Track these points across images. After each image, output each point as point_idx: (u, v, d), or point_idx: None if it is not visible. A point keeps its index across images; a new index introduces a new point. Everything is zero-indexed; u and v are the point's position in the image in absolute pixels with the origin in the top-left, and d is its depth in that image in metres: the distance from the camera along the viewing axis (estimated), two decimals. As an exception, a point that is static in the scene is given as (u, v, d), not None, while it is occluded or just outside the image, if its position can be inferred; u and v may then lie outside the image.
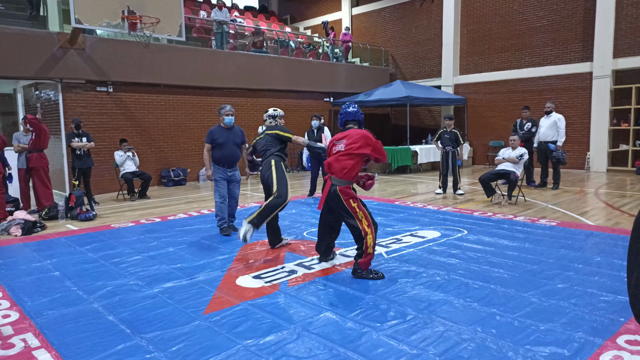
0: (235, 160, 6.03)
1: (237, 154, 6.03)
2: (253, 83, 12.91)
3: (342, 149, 4.18)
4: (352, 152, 4.14)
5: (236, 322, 3.30)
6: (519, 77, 13.79)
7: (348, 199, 4.13)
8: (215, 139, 5.83)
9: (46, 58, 9.24)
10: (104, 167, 10.10)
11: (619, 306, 3.43)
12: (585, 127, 12.52)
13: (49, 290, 4.06)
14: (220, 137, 5.85)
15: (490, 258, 4.72)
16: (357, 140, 4.15)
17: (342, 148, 4.18)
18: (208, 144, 5.87)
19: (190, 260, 4.88)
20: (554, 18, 13.02)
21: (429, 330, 3.11)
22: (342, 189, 4.13)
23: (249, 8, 19.19)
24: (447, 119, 9.08)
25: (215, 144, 5.83)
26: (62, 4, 10.01)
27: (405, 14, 16.51)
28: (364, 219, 4.13)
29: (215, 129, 5.93)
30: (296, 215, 7.22)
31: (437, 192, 9.18)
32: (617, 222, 6.30)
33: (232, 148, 5.90)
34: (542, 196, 8.57)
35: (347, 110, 4.37)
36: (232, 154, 5.93)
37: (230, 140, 5.90)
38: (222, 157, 5.88)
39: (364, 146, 4.14)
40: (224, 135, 5.88)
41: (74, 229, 6.64)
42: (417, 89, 14.09)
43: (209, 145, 5.86)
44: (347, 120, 4.37)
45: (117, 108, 10.58)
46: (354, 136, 4.18)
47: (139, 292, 3.97)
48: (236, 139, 5.96)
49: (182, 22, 9.54)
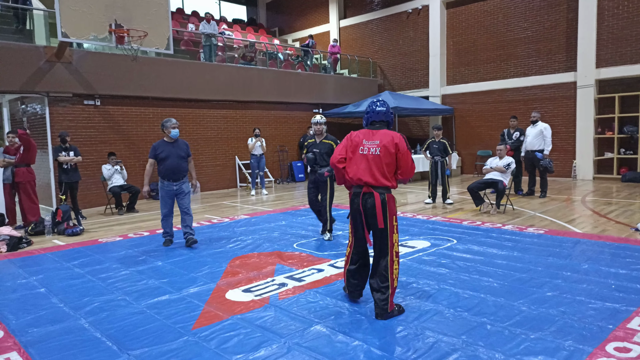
0: (181, 173, 6.02)
1: (183, 167, 6.02)
2: (242, 95, 12.92)
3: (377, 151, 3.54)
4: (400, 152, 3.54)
5: (225, 337, 3.26)
6: (505, 87, 13.98)
7: (392, 214, 3.55)
8: (158, 153, 5.88)
9: (33, 72, 9.17)
10: (92, 181, 10.00)
11: (607, 313, 3.45)
12: (571, 136, 12.70)
13: (34, 308, 3.98)
14: (164, 151, 5.89)
15: (479, 267, 4.73)
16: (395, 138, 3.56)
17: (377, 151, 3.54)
18: (152, 159, 5.92)
19: (179, 275, 4.83)
20: (537, 29, 13.26)
21: (420, 342, 3.10)
22: (389, 198, 3.56)
23: (237, 21, 19.29)
24: (436, 129, 9.16)
25: (159, 158, 5.88)
26: (48, 18, 9.99)
27: (393, 25, 16.71)
28: (397, 243, 3.59)
29: (158, 143, 5.96)
30: (285, 226, 7.20)
31: (427, 201, 9.22)
32: (604, 230, 6.37)
33: (177, 161, 5.91)
34: (530, 204, 8.65)
35: (376, 110, 3.71)
36: (176, 167, 5.94)
37: (174, 154, 5.91)
38: (167, 171, 5.90)
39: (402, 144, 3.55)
40: (168, 149, 5.91)
41: (61, 244, 6.54)
42: (405, 100, 14.21)
43: (153, 160, 5.92)
44: (375, 120, 3.72)
45: (104, 121, 10.52)
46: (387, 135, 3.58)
47: (127, 307, 3.91)
48: (180, 152, 5.97)
49: (170, 35, 9.54)
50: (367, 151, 3.58)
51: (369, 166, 3.55)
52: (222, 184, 12.82)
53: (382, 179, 3.52)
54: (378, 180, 3.52)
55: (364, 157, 3.58)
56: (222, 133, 12.77)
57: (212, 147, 12.57)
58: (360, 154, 3.61)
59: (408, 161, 3.56)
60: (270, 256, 5.46)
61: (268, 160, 13.38)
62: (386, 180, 3.53)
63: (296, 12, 20.03)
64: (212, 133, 12.54)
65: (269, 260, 5.30)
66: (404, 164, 3.55)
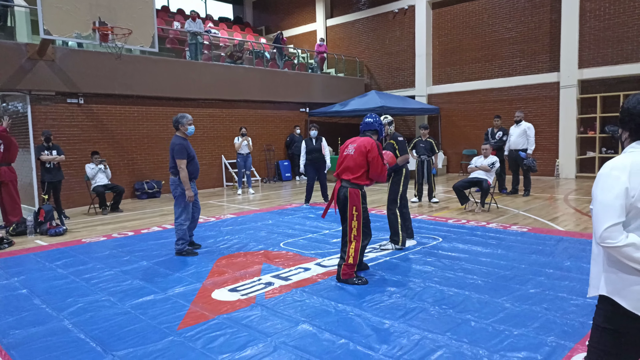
0: None
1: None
2: (228, 94, 12.85)
3: (352, 152, 4.33)
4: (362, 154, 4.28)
5: (211, 337, 3.25)
6: (490, 87, 14.13)
7: (352, 205, 4.26)
8: (189, 152, 5.42)
9: (14, 69, 9.00)
10: (75, 180, 9.86)
11: (588, 309, 3.52)
12: (554, 135, 12.89)
13: (16, 309, 3.92)
14: (190, 149, 5.46)
15: (464, 265, 4.79)
16: (367, 144, 4.29)
17: (352, 152, 4.34)
18: (184, 159, 5.32)
19: (165, 275, 4.80)
20: (521, 30, 13.42)
21: (406, 339, 3.12)
22: (352, 192, 4.27)
23: (223, 19, 19.17)
24: (422, 128, 9.21)
25: (190, 158, 5.42)
26: (30, 15, 9.80)
27: (379, 25, 16.77)
28: (355, 228, 4.26)
29: (183, 141, 5.41)
30: (273, 225, 7.19)
31: (413, 200, 9.29)
32: (586, 227, 6.49)
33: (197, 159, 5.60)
34: (514, 203, 8.76)
35: (365, 121, 4.60)
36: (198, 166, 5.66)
37: (194, 152, 5.58)
38: (195, 170, 5.54)
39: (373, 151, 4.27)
40: (190, 147, 5.52)
41: (43, 245, 6.44)
42: (391, 99, 14.27)
43: (186, 161, 5.34)
44: (365, 130, 4.57)
45: (88, 120, 10.38)
46: (364, 140, 4.35)
47: (111, 308, 3.87)
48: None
49: (155, 33, 9.45)
50: (347, 151, 4.40)
51: (345, 164, 4.35)
52: (209, 183, 12.74)
53: (350, 175, 4.29)
54: (347, 176, 4.31)
55: (345, 157, 4.39)
56: (208, 132, 12.69)
57: (198, 146, 12.47)
58: (344, 155, 4.42)
59: (377, 166, 4.28)
60: (257, 255, 5.45)
61: (254, 159, 13.34)
62: (352, 176, 4.27)
63: (283, 11, 19.99)
64: (198, 132, 12.41)
65: (256, 259, 5.28)
66: (373, 168, 4.28)
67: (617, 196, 1.63)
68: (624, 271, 1.69)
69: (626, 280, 1.68)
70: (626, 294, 1.68)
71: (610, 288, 1.73)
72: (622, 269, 1.69)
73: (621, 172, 1.65)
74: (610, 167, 1.69)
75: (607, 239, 1.63)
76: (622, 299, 1.69)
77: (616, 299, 1.71)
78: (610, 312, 1.74)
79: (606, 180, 1.68)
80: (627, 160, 1.67)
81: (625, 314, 1.69)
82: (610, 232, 1.63)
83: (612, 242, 1.63)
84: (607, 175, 1.68)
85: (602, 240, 1.65)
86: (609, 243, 1.63)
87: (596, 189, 1.71)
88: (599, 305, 1.82)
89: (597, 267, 1.81)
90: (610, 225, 1.63)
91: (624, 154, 1.75)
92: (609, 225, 1.63)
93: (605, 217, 1.65)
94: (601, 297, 1.79)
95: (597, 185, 1.72)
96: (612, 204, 1.64)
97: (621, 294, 1.69)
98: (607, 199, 1.65)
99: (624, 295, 1.69)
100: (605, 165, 1.73)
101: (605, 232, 1.63)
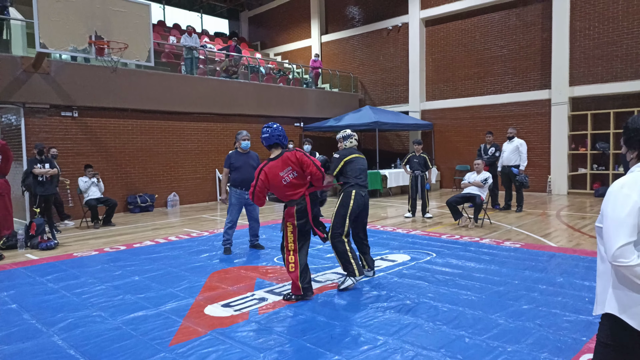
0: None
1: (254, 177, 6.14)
2: (223, 108, 12.90)
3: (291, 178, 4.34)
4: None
5: (203, 354, 3.22)
6: (482, 104, 14.30)
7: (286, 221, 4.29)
8: (232, 162, 6.37)
9: (9, 82, 9.00)
10: (67, 193, 9.79)
11: (581, 325, 3.53)
12: (546, 152, 13.02)
13: (5, 324, 3.86)
14: (237, 160, 6.38)
15: (458, 280, 4.79)
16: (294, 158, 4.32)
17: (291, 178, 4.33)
18: (226, 168, 6.42)
19: (157, 290, 4.75)
20: (513, 48, 13.64)
21: (399, 356, 3.11)
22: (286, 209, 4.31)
23: (219, 34, 19.33)
24: (416, 143, 9.28)
25: (233, 167, 6.35)
26: (26, 28, 9.84)
27: (373, 42, 16.98)
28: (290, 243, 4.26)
29: (232, 153, 6.47)
30: (266, 240, 7.16)
31: (407, 215, 9.30)
32: (578, 244, 6.53)
33: (250, 170, 6.18)
34: (507, 219, 8.80)
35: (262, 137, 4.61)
36: (249, 176, 5.99)
37: (247, 164, 6.36)
38: (240, 179, 6.30)
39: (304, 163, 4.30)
40: (241, 159, 6.40)
41: (34, 259, 6.37)
42: (385, 115, 14.39)
43: (227, 170, 6.41)
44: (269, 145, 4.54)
45: (82, 133, 10.36)
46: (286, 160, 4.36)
47: (102, 323, 3.83)
48: (252, 162, 6.41)
49: (151, 47, 9.51)
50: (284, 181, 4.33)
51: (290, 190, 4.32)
52: (202, 197, 12.71)
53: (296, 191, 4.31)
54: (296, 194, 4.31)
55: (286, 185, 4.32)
56: (203, 146, 12.70)
57: (192, 160, 12.48)
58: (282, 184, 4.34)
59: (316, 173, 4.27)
60: (250, 270, 5.42)
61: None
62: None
63: (278, 26, 20.20)
64: (192, 146, 12.46)
65: (249, 274, 5.26)
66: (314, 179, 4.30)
67: (629, 214, 1.61)
68: (633, 290, 1.67)
69: (635, 299, 1.66)
70: (634, 312, 1.67)
71: (618, 306, 1.71)
72: (631, 287, 1.67)
73: (631, 191, 1.64)
74: (620, 184, 1.68)
75: (620, 257, 1.60)
76: (630, 317, 1.67)
77: (624, 318, 1.68)
78: (615, 329, 1.73)
79: (617, 197, 1.66)
80: (637, 179, 1.66)
81: (630, 330, 1.68)
82: (623, 251, 1.60)
83: (625, 261, 1.60)
84: (617, 193, 1.66)
85: (615, 259, 1.62)
86: (621, 262, 1.61)
87: (607, 207, 1.69)
88: (603, 321, 1.80)
89: (604, 285, 1.78)
90: (623, 244, 1.60)
91: (631, 173, 1.72)
92: (622, 244, 1.60)
93: (617, 236, 1.62)
94: (605, 314, 1.77)
95: (608, 202, 1.69)
96: (625, 222, 1.61)
97: (629, 312, 1.68)
98: (619, 216, 1.62)
99: (632, 313, 1.67)
100: (615, 183, 1.71)
101: (618, 251, 1.61)
